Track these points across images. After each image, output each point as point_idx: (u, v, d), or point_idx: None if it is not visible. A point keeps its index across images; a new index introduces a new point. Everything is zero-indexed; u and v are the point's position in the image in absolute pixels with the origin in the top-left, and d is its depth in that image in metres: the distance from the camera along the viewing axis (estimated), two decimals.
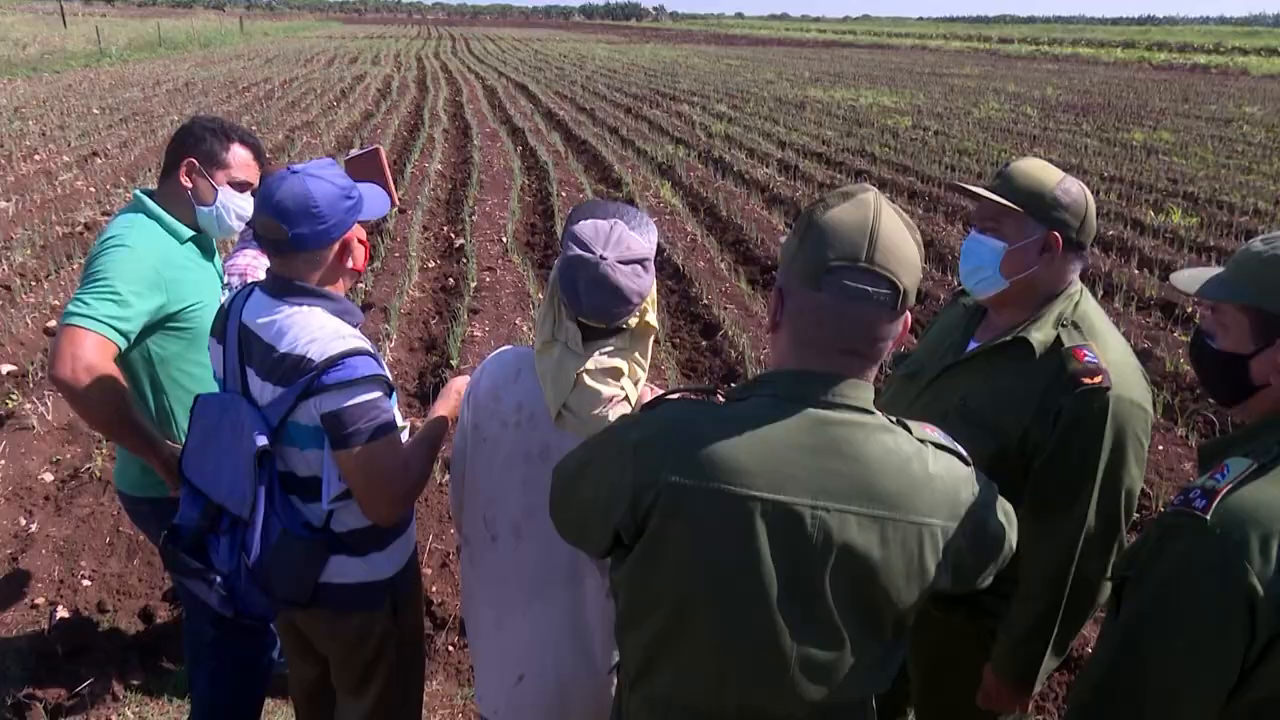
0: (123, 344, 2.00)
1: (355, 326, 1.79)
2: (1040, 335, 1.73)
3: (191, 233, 2.22)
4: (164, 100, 18.48)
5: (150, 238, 2.12)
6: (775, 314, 1.24)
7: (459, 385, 1.96)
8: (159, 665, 3.04)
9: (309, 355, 1.67)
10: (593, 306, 1.53)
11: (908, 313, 1.21)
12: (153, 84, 21.88)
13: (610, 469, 1.26)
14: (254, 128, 14.62)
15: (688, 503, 1.18)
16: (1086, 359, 1.68)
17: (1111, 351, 1.72)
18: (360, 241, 1.83)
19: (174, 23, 55.77)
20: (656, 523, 1.20)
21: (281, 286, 1.76)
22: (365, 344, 1.74)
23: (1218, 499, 1.15)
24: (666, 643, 1.28)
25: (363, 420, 1.68)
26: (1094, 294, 7.25)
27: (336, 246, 1.76)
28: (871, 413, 1.20)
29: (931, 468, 1.20)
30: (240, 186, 2.26)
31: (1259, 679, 1.15)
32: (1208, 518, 1.15)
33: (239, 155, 2.25)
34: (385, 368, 1.78)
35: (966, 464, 1.26)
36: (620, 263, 1.54)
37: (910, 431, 1.23)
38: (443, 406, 1.95)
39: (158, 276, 2.08)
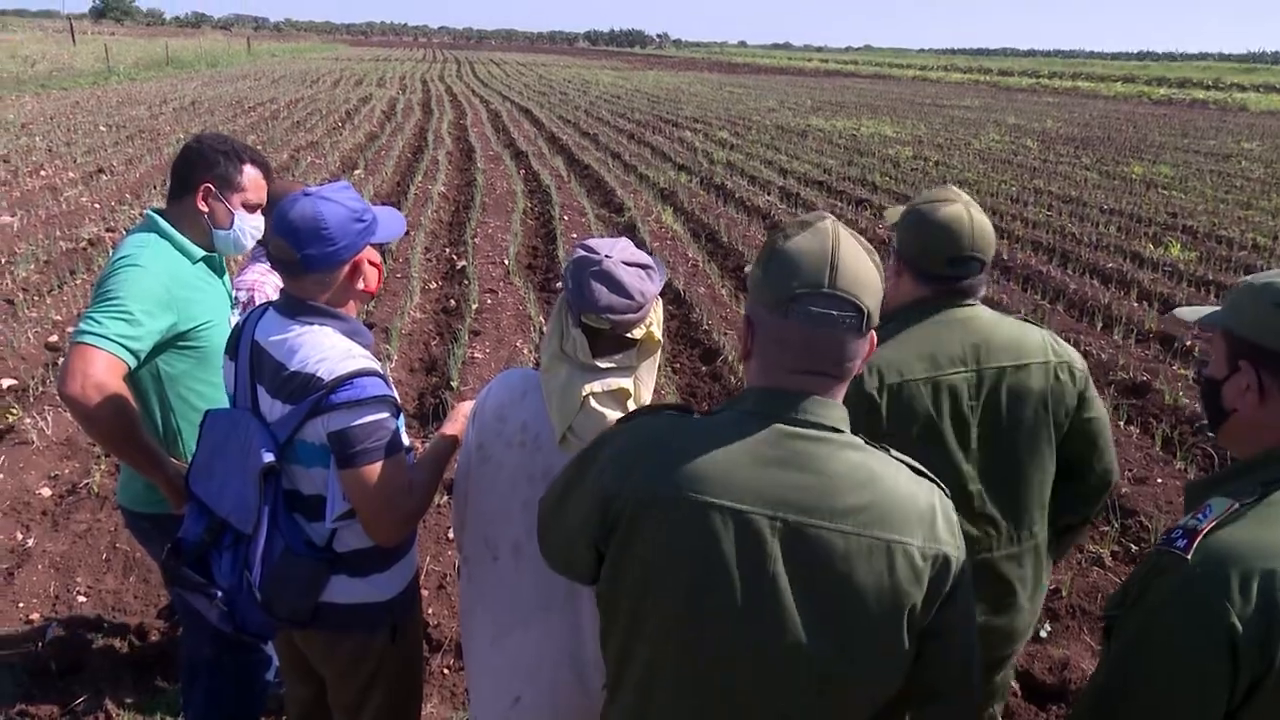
0: (133, 363, 2.02)
1: (366, 347, 1.81)
2: None
3: (203, 253, 2.25)
4: (170, 118, 18.61)
5: (162, 258, 2.14)
6: (747, 343, 1.28)
7: (466, 409, 1.96)
8: (153, 684, 3.02)
9: (318, 374, 1.69)
10: (596, 300, 1.56)
11: (872, 332, 1.25)
12: (160, 102, 22.04)
13: (588, 486, 1.29)
14: (260, 147, 14.68)
15: (653, 509, 1.21)
16: None
17: (889, 349, 1.82)
18: (372, 264, 1.85)
19: (182, 42, 56.26)
20: (624, 530, 1.24)
21: (293, 306, 1.78)
22: (375, 365, 1.76)
23: (1199, 539, 1.16)
24: (634, 652, 1.30)
25: (369, 440, 1.69)
26: (1093, 325, 7.22)
27: (346, 268, 1.78)
28: (840, 431, 1.22)
29: (905, 488, 1.21)
30: (252, 208, 2.30)
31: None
32: (1189, 557, 1.15)
33: (251, 176, 2.28)
34: (394, 389, 1.79)
35: (947, 495, 1.27)
36: (624, 263, 1.60)
37: (888, 453, 1.24)
38: (449, 429, 1.96)
39: (169, 296, 2.10)
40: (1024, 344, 1.89)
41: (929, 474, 1.27)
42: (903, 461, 1.25)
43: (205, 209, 2.22)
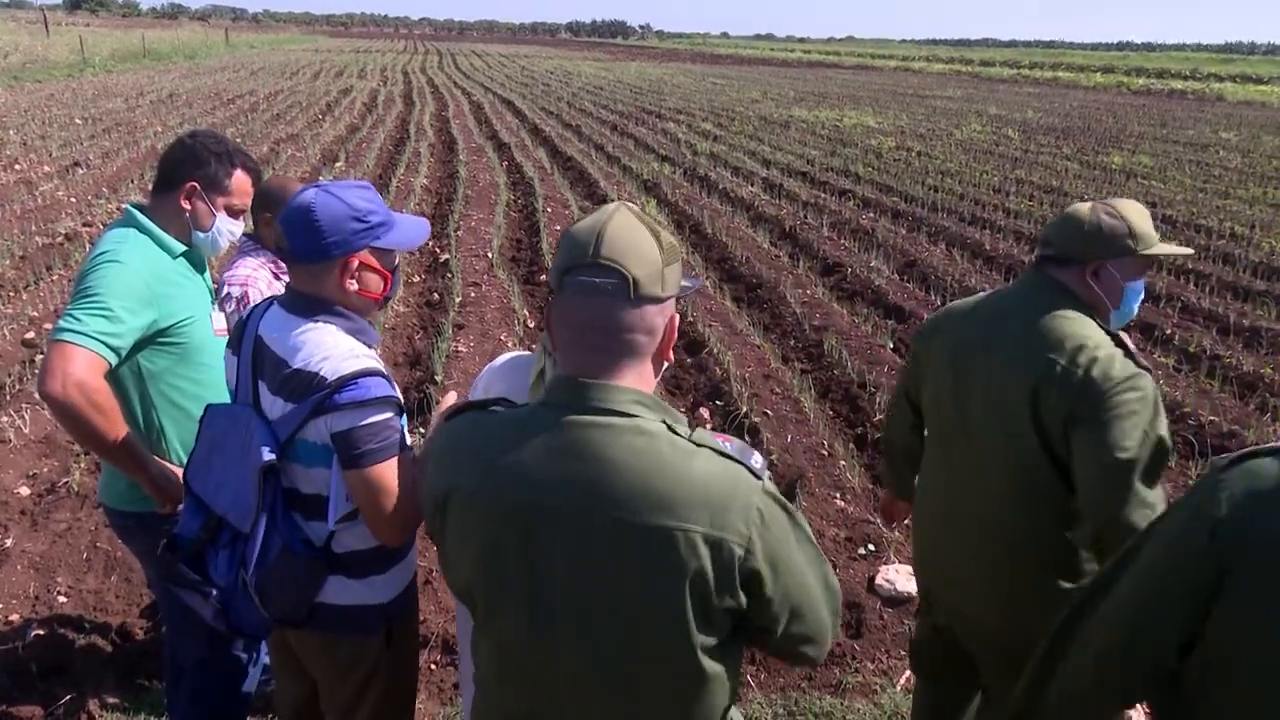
0: (114, 360, 1.99)
1: (370, 347, 1.78)
2: None
3: (184, 248, 2.21)
4: (147, 111, 18.40)
5: (142, 253, 2.11)
6: (549, 330, 1.31)
7: (451, 400, 1.95)
8: (136, 684, 2.98)
9: (322, 373, 1.66)
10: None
11: (673, 312, 1.27)
12: (136, 95, 21.78)
13: (425, 476, 1.39)
14: (239, 139, 14.56)
15: (454, 504, 1.27)
16: None
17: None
18: (374, 268, 1.79)
19: (159, 34, 55.59)
20: (439, 525, 1.32)
21: (297, 301, 1.76)
22: (378, 364, 1.73)
23: (1238, 454, 1.27)
24: (478, 642, 1.38)
25: (374, 440, 1.67)
26: None
27: (337, 266, 1.74)
28: (627, 415, 1.20)
29: (698, 471, 1.18)
30: (236, 212, 2.27)
31: (1211, 628, 1.22)
32: (1223, 463, 1.28)
33: (240, 181, 2.24)
34: (397, 389, 1.77)
35: (757, 478, 1.22)
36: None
37: (686, 437, 1.21)
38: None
39: (150, 292, 2.06)
40: (1051, 336, 1.88)
41: (744, 459, 1.23)
42: (707, 445, 1.21)
43: (188, 208, 2.18)
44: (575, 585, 1.20)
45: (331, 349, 1.69)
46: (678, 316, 1.28)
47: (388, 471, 1.68)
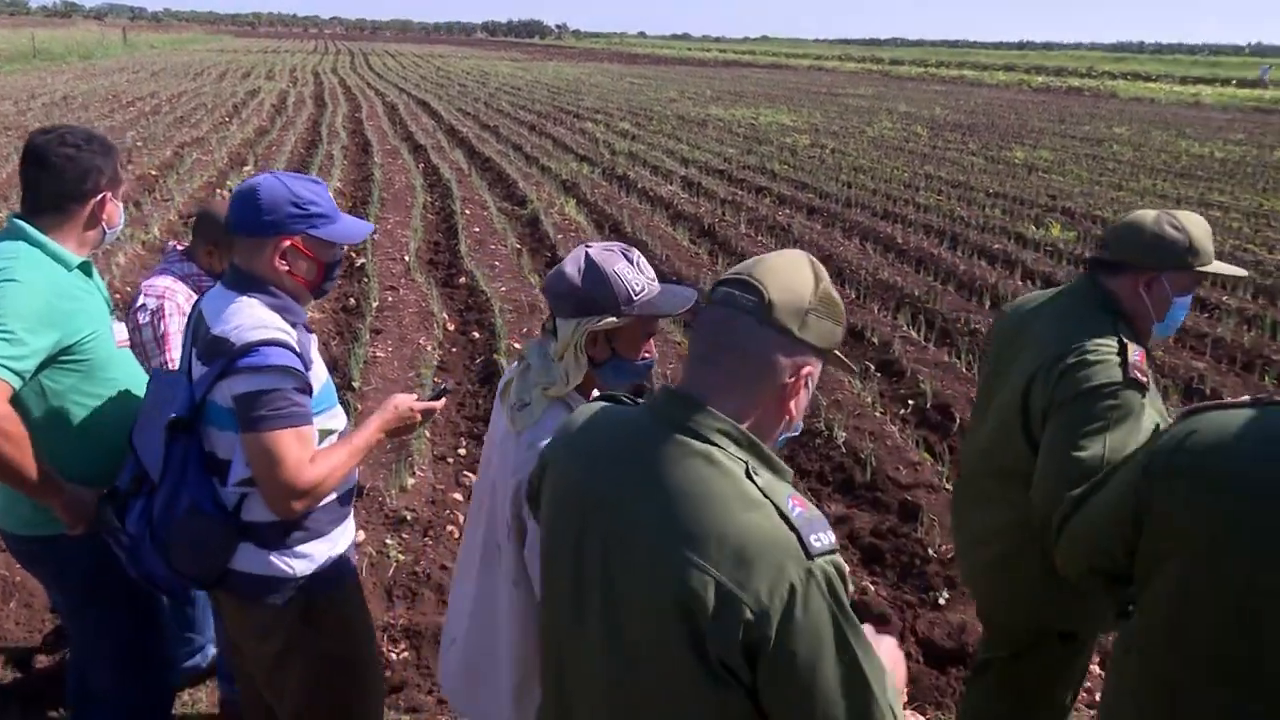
0: (18, 385, 1.89)
1: (293, 325, 1.87)
2: None
3: (79, 259, 2.10)
4: (40, 114, 17.52)
5: (38, 268, 2.00)
6: None
7: (398, 400, 2.06)
8: (44, 713, 2.86)
9: (229, 338, 1.77)
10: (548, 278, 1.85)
11: (808, 370, 1.20)
12: (27, 97, 20.73)
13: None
14: (140, 143, 14.03)
15: (547, 476, 1.37)
16: None
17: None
18: (306, 254, 1.89)
19: (50, 33, 52.95)
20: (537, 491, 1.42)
21: (236, 278, 1.88)
22: (288, 338, 1.82)
23: (1189, 409, 1.42)
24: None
25: (268, 407, 1.75)
26: (981, 304, 7.45)
27: (270, 245, 1.84)
28: (706, 440, 1.16)
29: (743, 520, 1.11)
30: None
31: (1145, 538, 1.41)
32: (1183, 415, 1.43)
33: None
34: (305, 366, 1.85)
35: (808, 555, 1.10)
36: (592, 252, 1.83)
37: (758, 487, 1.13)
38: (377, 420, 2.02)
39: (52, 311, 1.96)
40: (1061, 335, 1.94)
41: (803, 530, 1.11)
42: (772, 500, 1.12)
43: (104, 217, 2.13)
44: (604, 588, 1.20)
45: (245, 319, 1.80)
46: (813, 381, 1.22)
47: (281, 440, 1.76)
